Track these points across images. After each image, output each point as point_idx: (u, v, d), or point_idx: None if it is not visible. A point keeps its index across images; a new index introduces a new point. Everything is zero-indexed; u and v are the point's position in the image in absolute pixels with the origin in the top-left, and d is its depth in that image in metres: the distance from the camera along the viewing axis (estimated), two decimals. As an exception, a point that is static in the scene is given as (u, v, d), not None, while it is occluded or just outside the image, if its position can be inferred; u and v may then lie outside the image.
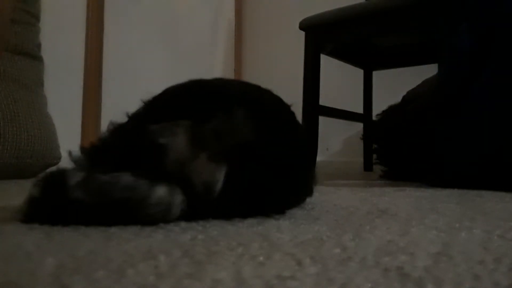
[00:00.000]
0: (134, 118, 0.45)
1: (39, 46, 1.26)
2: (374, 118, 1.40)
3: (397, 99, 1.28)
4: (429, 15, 1.14)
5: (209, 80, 0.50)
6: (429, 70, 1.34)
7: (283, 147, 0.44)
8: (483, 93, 0.84)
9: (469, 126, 0.85)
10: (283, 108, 0.50)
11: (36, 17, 1.25)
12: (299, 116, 1.38)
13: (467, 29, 0.87)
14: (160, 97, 0.47)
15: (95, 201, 0.37)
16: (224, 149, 0.39)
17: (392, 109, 1.25)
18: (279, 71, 2.24)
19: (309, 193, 0.52)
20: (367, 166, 1.77)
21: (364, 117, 1.72)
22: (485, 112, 0.83)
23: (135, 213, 0.37)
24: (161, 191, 0.37)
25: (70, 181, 0.37)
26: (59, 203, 0.37)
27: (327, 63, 1.50)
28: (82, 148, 0.44)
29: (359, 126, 1.75)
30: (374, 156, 1.31)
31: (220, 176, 0.39)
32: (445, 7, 0.94)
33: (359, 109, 1.73)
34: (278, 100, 0.51)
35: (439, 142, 0.90)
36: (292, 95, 0.84)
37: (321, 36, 1.42)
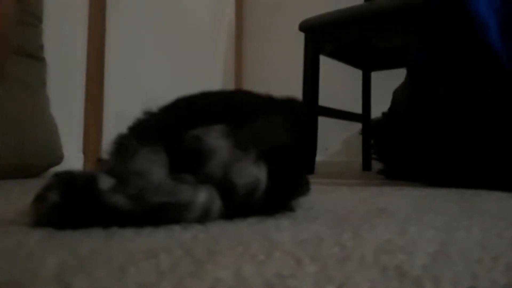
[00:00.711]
0: (154, 127, 0.43)
1: (42, 47, 1.26)
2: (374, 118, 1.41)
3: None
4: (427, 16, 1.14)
5: (217, 90, 0.53)
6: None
7: (303, 148, 0.48)
8: (459, 98, 0.84)
9: (455, 128, 0.86)
10: (292, 107, 0.52)
11: (39, 19, 1.26)
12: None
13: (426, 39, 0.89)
14: (178, 107, 0.46)
15: (135, 207, 0.35)
16: (264, 152, 0.40)
17: (390, 110, 1.25)
18: (279, 72, 2.24)
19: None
20: (366, 166, 1.77)
21: (363, 117, 1.73)
22: (466, 115, 0.84)
23: (176, 218, 0.37)
24: (203, 196, 0.37)
25: (101, 185, 0.35)
26: (90, 209, 0.35)
27: (326, 64, 1.50)
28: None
29: (358, 126, 1.75)
30: (372, 150, 1.33)
31: (263, 177, 0.40)
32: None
33: (358, 110, 1.74)
34: (287, 100, 0.52)
35: (433, 142, 0.91)
36: (291, 95, 0.84)
37: (321, 37, 1.42)
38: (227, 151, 0.39)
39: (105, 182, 0.36)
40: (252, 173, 0.39)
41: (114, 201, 0.35)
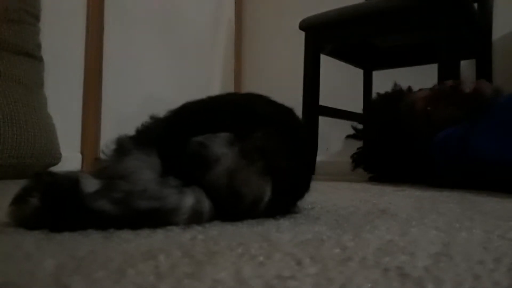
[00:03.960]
0: (162, 131, 0.43)
1: (39, 46, 1.26)
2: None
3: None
4: (428, 15, 1.14)
5: (226, 94, 0.53)
6: (428, 70, 1.34)
7: (303, 162, 0.48)
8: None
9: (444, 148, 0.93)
10: (295, 120, 0.52)
11: (36, 17, 1.26)
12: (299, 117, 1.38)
13: None
14: (186, 112, 0.46)
15: (120, 212, 0.35)
16: (269, 166, 0.40)
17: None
18: (279, 71, 2.24)
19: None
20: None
21: (363, 117, 1.72)
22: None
23: (164, 223, 0.37)
24: (189, 200, 0.37)
25: (85, 189, 0.35)
26: (74, 214, 0.34)
27: (327, 63, 1.50)
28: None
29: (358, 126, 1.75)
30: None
31: (268, 190, 0.40)
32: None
33: (359, 109, 1.73)
34: (290, 112, 0.52)
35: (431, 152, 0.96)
36: (292, 95, 0.84)
37: (321, 36, 1.42)
38: (232, 159, 0.39)
39: (90, 185, 0.35)
40: (258, 183, 0.40)
41: (98, 206, 0.34)
